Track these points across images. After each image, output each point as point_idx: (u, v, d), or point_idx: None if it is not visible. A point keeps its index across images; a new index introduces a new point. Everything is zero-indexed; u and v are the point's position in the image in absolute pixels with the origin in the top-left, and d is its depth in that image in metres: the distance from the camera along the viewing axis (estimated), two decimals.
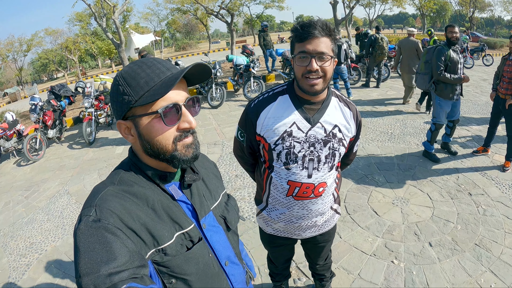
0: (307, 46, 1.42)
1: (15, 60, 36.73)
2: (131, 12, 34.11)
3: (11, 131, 7.67)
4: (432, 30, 12.09)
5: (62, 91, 8.66)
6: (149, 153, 0.95)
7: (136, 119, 0.92)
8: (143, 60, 0.95)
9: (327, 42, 1.43)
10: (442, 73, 4.57)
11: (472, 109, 7.44)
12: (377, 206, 3.94)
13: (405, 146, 5.61)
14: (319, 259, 2.23)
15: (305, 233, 1.87)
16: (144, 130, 0.92)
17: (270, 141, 1.62)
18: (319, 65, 1.42)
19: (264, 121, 1.62)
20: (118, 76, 0.93)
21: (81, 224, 0.82)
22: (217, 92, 9.49)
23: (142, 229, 0.87)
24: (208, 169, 1.23)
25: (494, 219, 3.52)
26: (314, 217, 1.78)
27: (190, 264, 0.96)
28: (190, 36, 54.58)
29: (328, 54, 1.42)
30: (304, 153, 1.59)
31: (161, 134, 0.91)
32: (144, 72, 0.90)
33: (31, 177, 6.48)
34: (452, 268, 2.92)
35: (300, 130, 1.57)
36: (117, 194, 0.90)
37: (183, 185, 1.04)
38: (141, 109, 0.90)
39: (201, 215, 1.05)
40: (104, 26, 13.55)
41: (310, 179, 1.63)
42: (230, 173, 5.22)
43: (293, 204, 1.72)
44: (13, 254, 3.97)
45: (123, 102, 0.90)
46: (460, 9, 41.20)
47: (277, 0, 28.62)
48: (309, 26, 1.41)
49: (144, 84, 0.89)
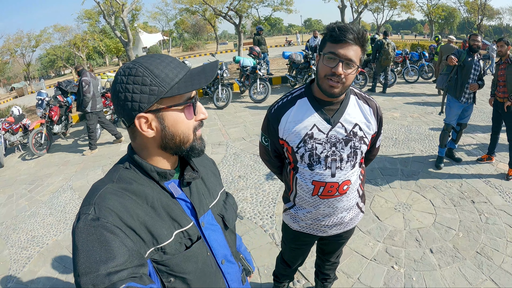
0: (339, 50, 1.43)
1: (23, 55, 37.07)
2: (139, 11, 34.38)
3: (17, 125, 7.74)
4: (439, 37, 12.04)
5: (69, 87, 8.65)
6: (168, 147, 0.96)
7: (162, 111, 0.91)
8: (159, 55, 0.94)
9: (358, 51, 1.45)
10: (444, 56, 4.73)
11: (477, 116, 7.40)
12: (379, 211, 3.93)
13: (409, 152, 5.59)
14: (333, 256, 2.25)
15: (331, 231, 1.88)
16: (170, 122, 0.92)
17: (293, 144, 1.65)
18: (344, 71, 1.44)
19: (285, 125, 1.66)
20: (137, 67, 0.88)
21: (79, 223, 0.81)
22: (223, 93, 9.52)
23: (141, 228, 0.87)
24: (206, 167, 1.23)
25: (496, 228, 3.50)
26: (340, 213, 1.80)
27: (189, 263, 0.96)
28: (198, 36, 54.84)
29: (355, 63, 1.44)
30: (327, 154, 1.62)
31: (186, 124, 0.94)
32: (169, 66, 0.91)
33: (35, 172, 6.54)
34: (452, 275, 2.91)
35: (321, 132, 1.60)
36: (116, 192, 0.89)
37: (182, 183, 1.04)
38: (170, 100, 0.90)
39: (200, 213, 1.05)
40: (112, 24, 13.66)
41: (333, 178, 1.65)
42: (234, 174, 5.22)
43: (319, 203, 1.75)
44: (14, 247, 4.01)
45: (152, 92, 0.87)
46: (468, 16, 41.03)
47: (285, 3, 28.67)
48: (347, 30, 1.42)
49: (173, 76, 0.90)
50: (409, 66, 11.61)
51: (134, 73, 0.88)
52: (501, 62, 4.65)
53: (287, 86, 11.74)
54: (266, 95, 9.60)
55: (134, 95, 0.88)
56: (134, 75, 0.87)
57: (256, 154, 5.86)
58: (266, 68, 10.43)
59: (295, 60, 10.82)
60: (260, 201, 4.31)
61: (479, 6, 35.84)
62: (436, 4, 39.46)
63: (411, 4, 34.08)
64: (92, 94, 6.75)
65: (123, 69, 0.90)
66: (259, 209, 4.12)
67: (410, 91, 10.33)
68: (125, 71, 0.89)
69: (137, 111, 0.89)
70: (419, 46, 16.86)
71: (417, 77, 11.45)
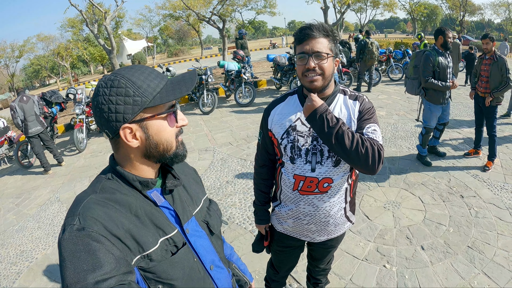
0: (305, 47, 1.52)
1: (7, 66, 36.58)
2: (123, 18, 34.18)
3: (2, 138, 7.62)
4: (422, 34, 12.17)
5: (53, 98, 8.53)
6: (151, 155, 0.97)
7: (146, 121, 0.92)
8: (136, 66, 0.96)
9: (324, 42, 1.52)
10: (429, 80, 4.54)
11: (463, 111, 7.49)
12: (368, 210, 3.92)
13: (397, 150, 5.61)
14: (322, 263, 2.23)
15: (314, 236, 1.86)
16: (154, 130, 0.94)
17: (278, 136, 1.72)
18: (316, 63, 1.51)
19: (273, 117, 1.75)
20: (120, 79, 0.89)
21: (65, 234, 0.81)
22: (208, 98, 9.47)
23: (127, 236, 0.87)
24: (188, 175, 1.23)
25: (486, 221, 3.51)
26: (323, 218, 1.76)
27: (176, 269, 0.96)
28: (182, 42, 54.68)
29: (324, 52, 1.50)
30: (308, 147, 1.65)
31: (169, 132, 0.97)
32: (150, 76, 0.93)
33: (22, 184, 6.42)
34: (445, 271, 2.90)
35: (304, 125, 1.65)
36: (99, 202, 0.89)
37: (165, 191, 1.05)
38: (152, 109, 0.92)
39: (184, 220, 1.05)
40: (95, 32, 13.51)
41: (313, 173, 1.65)
42: (221, 180, 5.17)
43: (299, 200, 1.74)
44: (3, 262, 3.93)
45: (135, 103, 0.89)
46: (450, 12, 41.65)
47: (269, 6, 28.78)
48: (306, 27, 1.52)
49: (155, 86, 0.92)
50: (393, 65, 11.73)
51: (116, 84, 0.89)
52: (486, 58, 4.67)
53: (273, 89, 11.72)
54: (251, 99, 9.58)
55: (118, 106, 0.89)
56: (116, 86, 0.89)
57: (243, 159, 5.82)
58: (250, 72, 10.40)
59: (280, 63, 10.84)
60: (249, 206, 4.25)
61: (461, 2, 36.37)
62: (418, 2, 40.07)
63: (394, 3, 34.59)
64: (22, 119, 6.42)
65: (105, 81, 0.91)
66: (248, 214, 4.06)
67: (395, 89, 10.43)
68: (107, 83, 0.90)
69: (122, 122, 0.90)
70: (403, 44, 17.05)
71: (402, 75, 11.56)
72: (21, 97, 6.59)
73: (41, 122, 6.70)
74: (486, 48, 4.63)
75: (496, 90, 4.50)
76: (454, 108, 7.64)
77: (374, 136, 1.56)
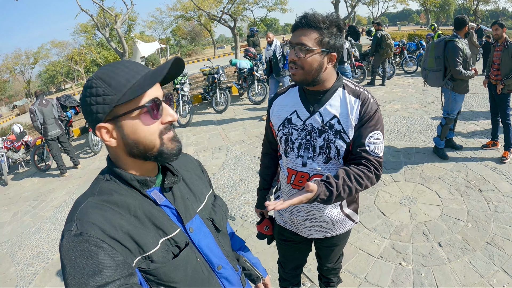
0: (292, 38, 1.48)
1: (22, 73, 37.42)
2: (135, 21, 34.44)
3: (19, 143, 7.79)
4: (435, 25, 11.93)
5: (67, 102, 8.67)
6: (134, 154, 0.93)
7: (119, 119, 0.89)
8: (117, 62, 0.93)
9: (311, 34, 1.43)
10: (461, 72, 4.33)
11: (480, 102, 7.28)
12: (384, 206, 3.85)
13: (412, 144, 5.50)
14: (328, 261, 2.18)
15: (311, 232, 1.83)
16: (129, 129, 0.89)
17: (275, 127, 1.72)
18: (297, 56, 1.45)
19: (274, 108, 1.75)
20: (92, 79, 0.89)
21: (64, 240, 0.81)
22: (221, 96, 9.47)
23: (126, 238, 0.86)
24: (191, 171, 1.20)
25: (506, 216, 3.40)
26: (317, 214, 1.72)
27: (178, 272, 0.95)
28: (195, 42, 54.88)
29: (307, 45, 1.42)
30: (300, 141, 1.62)
31: (147, 130, 0.90)
32: (123, 72, 0.89)
33: (38, 187, 6.58)
34: (462, 269, 2.82)
35: (299, 118, 1.62)
36: (96, 205, 0.88)
37: (165, 190, 1.03)
38: (125, 107, 0.88)
39: (187, 219, 1.03)
40: (107, 36, 13.65)
41: (304, 168, 1.63)
42: (235, 178, 5.16)
43: (291, 193, 1.73)
44: (20, 264, 4.04)
45: (105, 102, 0.86)
46: (464, 2, 40.77)
47: (280, 3, 28.64)
48: (300, 17, 1.46)
49: (125, 81, 0.87)
50: (407, 57, 11.52)
51: (89, 85, 0.88)
52: (498, 45, 4.61)
53: None
54: (264, 96, 9.51)
55: (92, 106, 0.88)
56: (90, 87, 0.88)
57: (257, 157, 5.79)
58: (262, 69, 10.30)
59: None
60: None
61: None
62: None
63: None
64: (41, 122, 6.57)
65: (85, 83, 0.91)
66: None
67: (410, 81, 10.23)
68: (85, 85, 0.91)
69: (96, 122, 0.89)
70: (416, 36, 16.74)
71: (416, 67, 11.33)
72: (41, 100, 6.72)
73: (60, 125, 6.87)
74: (497, 34, 4.55)
75: (507, 78, 4.41)
76: (471, 99, 7.45)
77: (376, 148, 1.51)
